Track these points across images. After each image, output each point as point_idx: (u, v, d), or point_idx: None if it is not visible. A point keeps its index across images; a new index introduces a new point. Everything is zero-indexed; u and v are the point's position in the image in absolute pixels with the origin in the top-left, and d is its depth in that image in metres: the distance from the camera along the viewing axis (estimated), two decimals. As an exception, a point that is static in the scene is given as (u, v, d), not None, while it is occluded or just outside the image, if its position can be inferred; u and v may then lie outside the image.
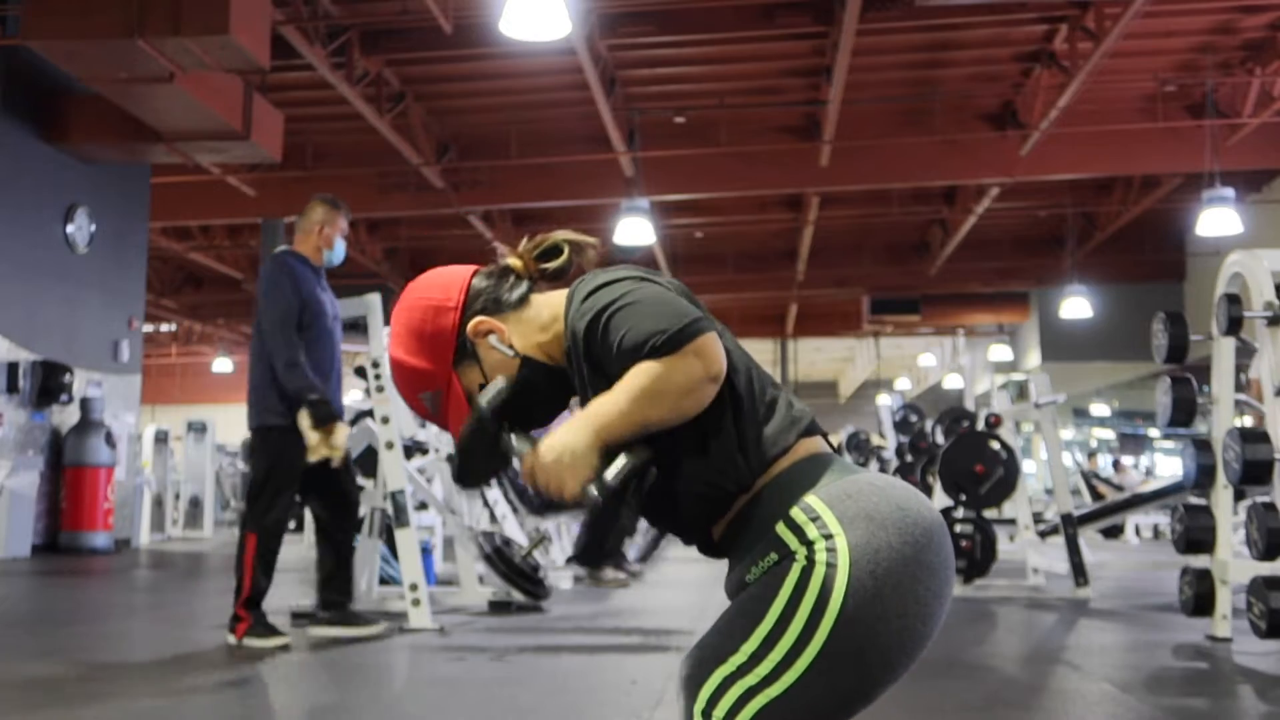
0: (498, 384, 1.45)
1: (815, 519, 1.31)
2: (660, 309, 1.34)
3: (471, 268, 1.57)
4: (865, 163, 12.80)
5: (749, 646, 1.30)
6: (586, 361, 1.41)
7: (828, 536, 1.30)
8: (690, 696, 1.33)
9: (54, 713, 3.23)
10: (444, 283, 1.54)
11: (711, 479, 1.37)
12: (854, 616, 1.27)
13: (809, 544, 1.30)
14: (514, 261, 1.55)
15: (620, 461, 1.31)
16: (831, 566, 1.28)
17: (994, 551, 6.84)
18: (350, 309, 5.30)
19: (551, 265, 1.55)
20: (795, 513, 1.33)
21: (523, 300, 1.52)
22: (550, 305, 1.51)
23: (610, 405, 1.32)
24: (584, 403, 1.46)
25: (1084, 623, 5.76)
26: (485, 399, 1.44)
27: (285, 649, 4.49)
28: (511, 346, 1.49)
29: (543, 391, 1.50)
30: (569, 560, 7.64)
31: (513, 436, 1.43)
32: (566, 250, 1.55)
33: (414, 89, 11.70)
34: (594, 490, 1.31)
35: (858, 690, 1.30)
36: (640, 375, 1.31)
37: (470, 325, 1.50)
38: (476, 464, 1.48)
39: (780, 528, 1.33)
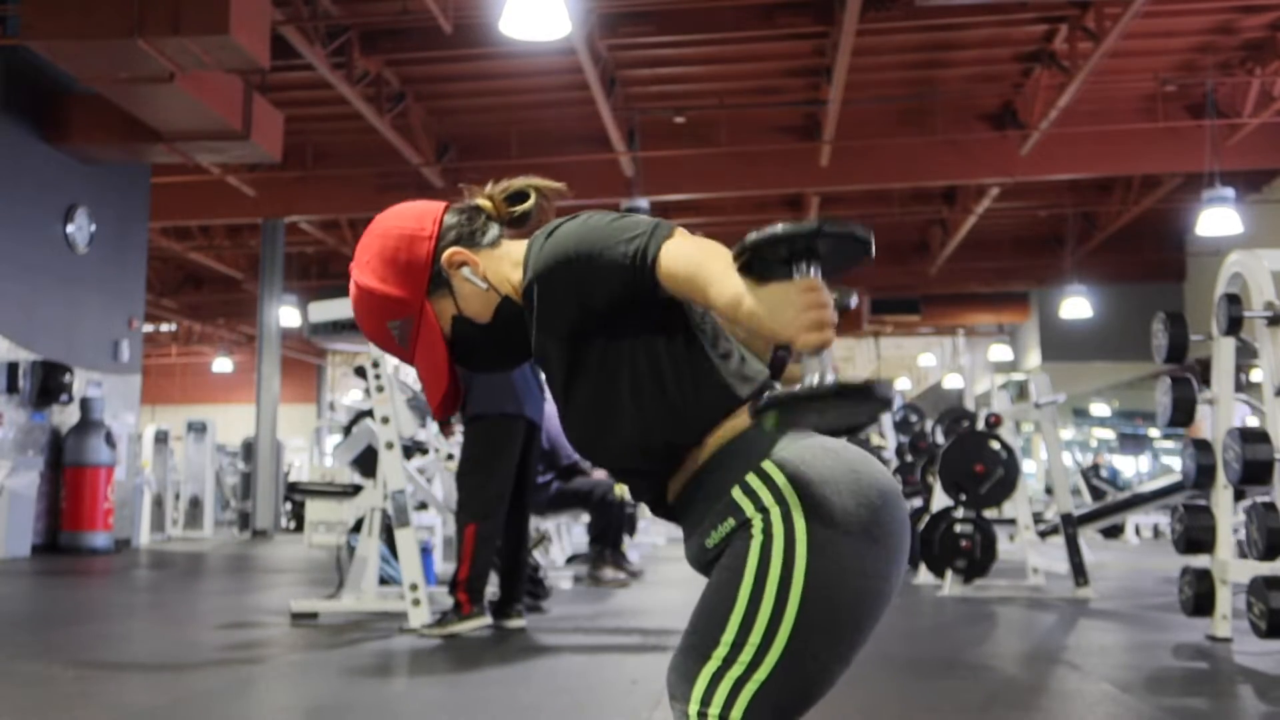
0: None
1: (770, 485, 1.32)
2: (625, 220, 1.36)
3: (442, 203, 1.58)
4: (865, 163, 12.81)
5: (727, 638, 1.31)
6: (545, 300, 1.41)
7: (783, 503, 1.31)
8: (682, 699, 1.34)
9: (53, 713, 3.23)
10: (417, 213, 1.55)
11: (664, 425, 1.38)
12: (818, 584, 1.28)
13: (764, 511, 1.31)
14: (483, 202, 1.56)
15: (781, 231, 1.20)
16: (789, 537, 1.29)
17: (994, 551, 6.83)
18: (350, 309, 5.28)
19: (519, 209, 1.56)
20: (750, 477, 1.33)
21: (496, 242, 1.54)
22: (519, 250, 1.52)
23: (712, 273, 1.25)
24: (536, 348, 1.46)
25: (1084, 623, 5.76)
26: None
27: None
28: (486, 280, 1.50)
29: (520, 331, 1.50)
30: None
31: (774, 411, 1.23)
32: (533, 195, 1.57)
33: (414, 89, 11.71)
34: (807, 256, 1.19)
35: (836, 654, 1.32)
36: (686, 254, 1.28)
37: (446, 255, 1.50)
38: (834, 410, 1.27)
39: (736, 492, 1.34)
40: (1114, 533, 13.56)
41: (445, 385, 1.52)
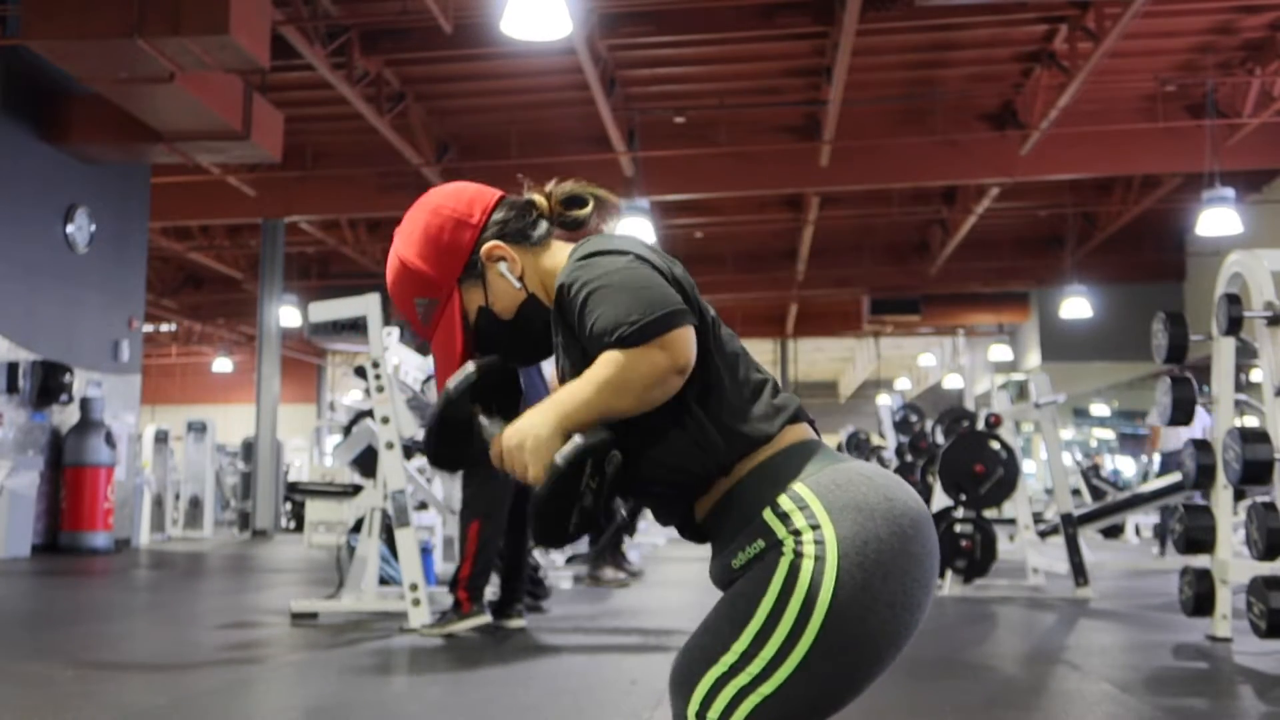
0: (467, 369, 1.47)
1: (803, 508, 1.31)
2: (639, 295, 1.33)
3: (497, 192, 1.57)
4: (865, 163, 12.80)
5: (739, 645, 1.30)
6: (563, 322, 1.42)
7: (815, 527, 1.29)
8: (683, 699, 1.33)
9: (53, 713, 3.23)
10: (469, 198, 1.54)
11: (686, 459, 1.37)
12: (843, 610, 1.27)
13: (796, 533, 1.30)
14: (539, 198, 1.55)
15: (572, 442, 1.32)
16: (820, 560, 1.28)
17: (994, 551, 6.84)
18: (350, 309, 5.30)
19: (574, 213, 1.55)
20: (783, 500, 1.32)
21: (542, 241, 1.53)
22: (560, 255, 1.51)
23: (575, 393, 1.33)
24: (557, 358, 1.47)
25: (1084, 623, 5.76)
26: (454, 381, 1.46)
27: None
28: (521, 279, 1.50)
29: (540, 331, 1.51)
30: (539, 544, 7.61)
31: (484, 420, 1.45)
32: (592, 203, 1.55)
33: (414, 89, 11.70)
34: (547, 472, 1.33)
35: (849, 681, 1.31)
36: (606, 365, 1.32)
37: (486, 247, 1.50)
38: (445, 445, 1.52)
39: (767, 514, 1.32)
40: (1114, 533, 13.56)
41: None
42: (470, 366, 1.48)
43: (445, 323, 1.52)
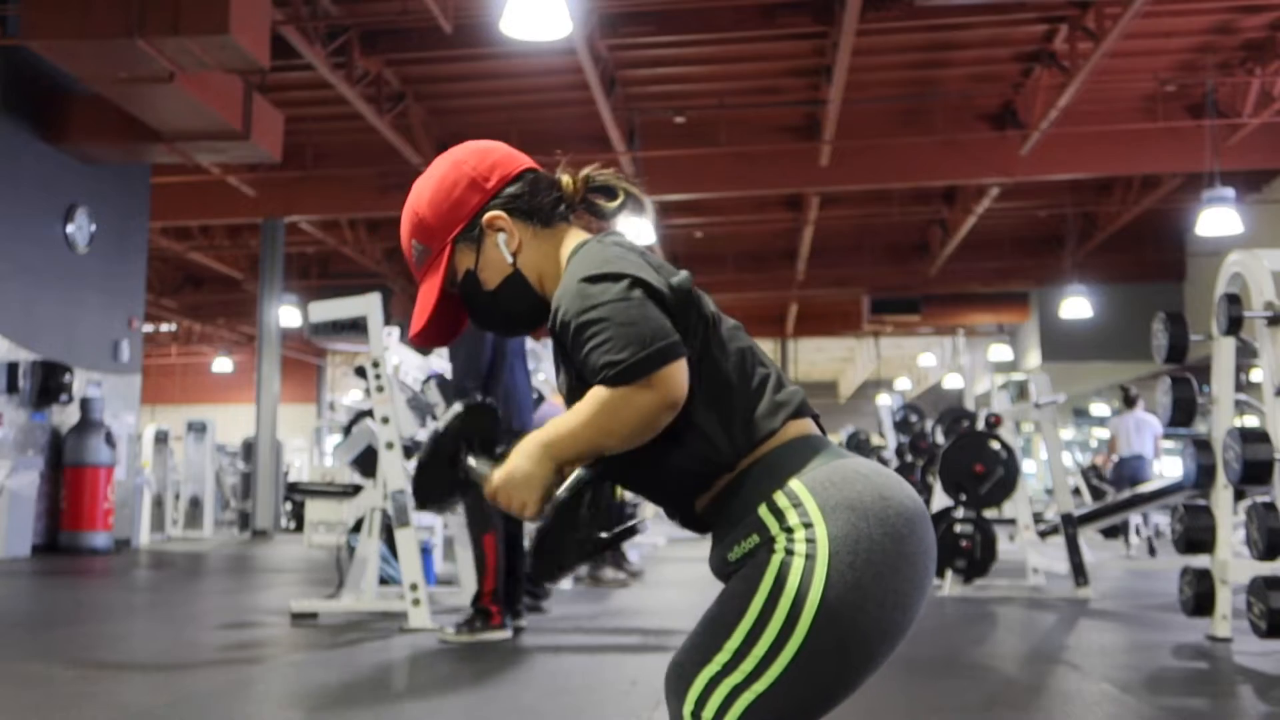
0: (455, 409, 1.51)
1: (798, 505, 1.31)
2: (630, 330, 1.30)
3: (525, 161, 1.55)
4: (865, 163, 12.80)
5: (732, 644, 1.30)
6: (556, 339, 1.41)
7: (808, 525, 1.29)
8: (678, 698, 1.33)
9: (53, 713, 3.23)
10: (494, 160, 1.52)
11: (693, 459, 1.37)
12: (833, 609, 1.27)
13: (789, 531, 1.30)
14: (566, 179, 1.53)
15: (574, 476, 1.36)
16: (810, 558, 1.28)
17: (994, 551, 6.84)
18: (350, 309, 5.30)
19: (601, 203, 1.53)
20: (778, 496, 1.32)
21: (555, 222, 1.51)
22: (568, 243, 1.48)
23: (565, 429, 1.34)
24: (556, 368, 1.47)
25: (1084, 623, 5.76)
26: (442, 421, 1.50)
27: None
28: (515, 255, 1.48)
29: (515, 309, 1.51)
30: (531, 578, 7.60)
31: (472, 460, 1.47)
32: (622, 197, 1.54)
33: (414, 89, 11.70)
34: (549, 507, 1.36)
35: (841, 680, 1.30)
36: (595, 404, 1.31)
37: (488, 216, 1.49)
38: (431, 485, 1.55)
39: (763, 510, 1.33)
40: (1114, 533, 13.54)
41: (423, 322, 1.52)
42: (459, 406, 1.52)
43: (431, 273, 1.52)
